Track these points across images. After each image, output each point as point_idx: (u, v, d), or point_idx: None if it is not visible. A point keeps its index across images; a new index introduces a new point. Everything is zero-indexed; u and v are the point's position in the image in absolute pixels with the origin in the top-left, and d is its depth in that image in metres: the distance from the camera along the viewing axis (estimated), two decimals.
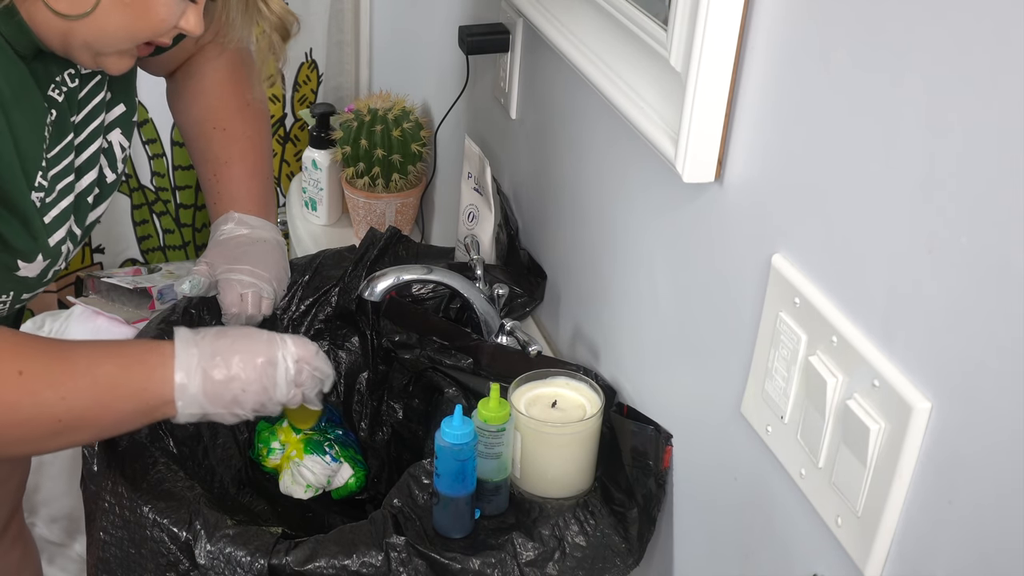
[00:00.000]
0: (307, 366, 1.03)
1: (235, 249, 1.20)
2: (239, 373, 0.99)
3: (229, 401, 0.99)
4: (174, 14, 0.93)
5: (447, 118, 1.72)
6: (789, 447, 0.85)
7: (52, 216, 0.98)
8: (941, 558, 0.70)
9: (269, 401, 1.02)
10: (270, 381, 1.01)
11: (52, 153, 0.97)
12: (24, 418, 0.92)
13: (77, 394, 0.94)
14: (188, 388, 0.97)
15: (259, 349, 1.00)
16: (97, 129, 1.06)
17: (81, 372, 0.95)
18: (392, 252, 1.42)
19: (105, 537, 1.05)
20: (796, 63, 0.80)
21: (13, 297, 1.00)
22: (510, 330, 1.28)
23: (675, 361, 1.05)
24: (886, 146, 0.71)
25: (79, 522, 1.95)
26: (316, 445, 1.17)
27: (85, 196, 1.04)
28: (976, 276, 0.64)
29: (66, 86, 1.00)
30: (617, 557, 1.04)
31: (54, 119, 0.97)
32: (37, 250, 0.96)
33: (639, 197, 1.09)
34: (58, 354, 0.95)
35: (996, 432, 0.64)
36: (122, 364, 0.97)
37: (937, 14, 0.65)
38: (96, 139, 1.05)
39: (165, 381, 0.97)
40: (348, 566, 0.98)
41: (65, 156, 0.99)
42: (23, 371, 0.91)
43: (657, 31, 0.93)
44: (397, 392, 1.34)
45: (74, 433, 0.97)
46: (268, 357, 1.00)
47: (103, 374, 0.96)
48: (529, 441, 1.07)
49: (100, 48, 0.95)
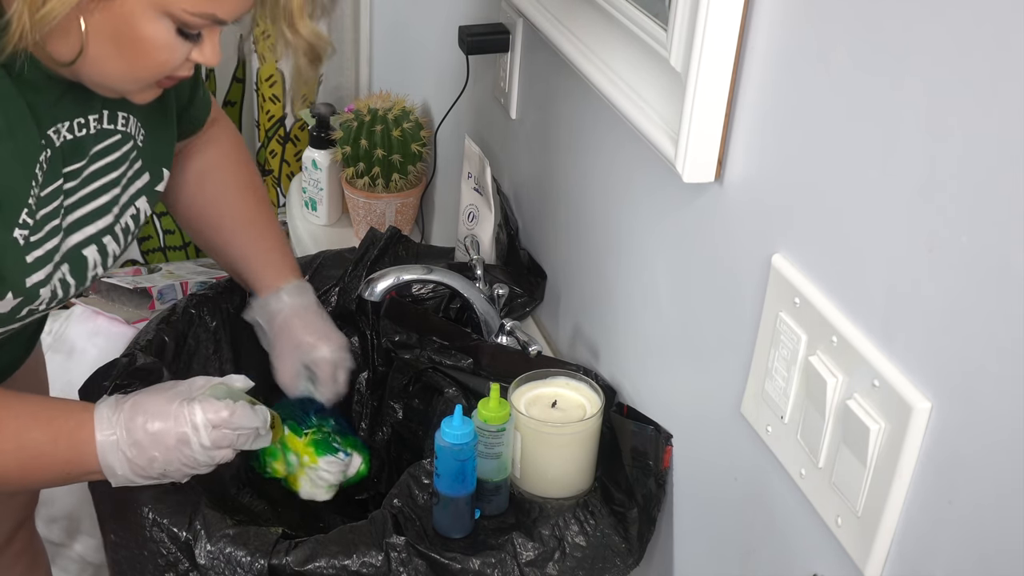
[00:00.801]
0: (225, 429, 1.00)
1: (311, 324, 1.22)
2: (156, 455, 0.98)
3: (157, 476, 1.00)
4: (176, 55, 0.91)
5: (447, 118, 1.72)
6: (789, 447, 0.85)
7: (35, 256, 0.96)
8: (941, 558, 0.70)
9: (196, 470, 1.02)
10: (187, 458, 0.99)
11: (44, 193, 0.96)
12: None
13: (3, 457, 0.95)
14: (115, 471, 0.98)
15: (167, 429, 0.98)
16: (108, 185, 1.04)
17: (9, 437, 0.95)
18: (392, 252, 1.42)
19: (115, 538, 1.06)
20: (796, 63, 0.80)
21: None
22: (510, 330, 1.28)
23: (675, 361, 1.05)
24: (886, 146, 0.71)
25: (79, 522, 1.94)
26: (325, 445, 1.16)
27: (80, 249, 1.02)
28: (976, 276, 0.64)
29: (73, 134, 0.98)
30: (617, 557, 1.04)
31: (48, 158, 0.95)
32: (5, 289, 0.94)
33: (639, 197, 1.09)
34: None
35: (996, 432, 0.64)
36: (51, 436, 0.97)
37: (937, 15, 0.65)
38: (103, 195, 1.04)
39: (91, 459, 0.98)
40: (348, 566, 0.98)
41: (54, 199, 0.97)
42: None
43: (657, 31, 0.93)
44: (397, 392, 1.34)
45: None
46: (178, 436, 0.98)
47: (31, 441, 0.96)
48: (529, 441, 1.07)
49: (110, 87, 0.94)
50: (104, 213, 1.04)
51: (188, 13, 0.87)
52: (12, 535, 1.40)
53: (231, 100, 2.39)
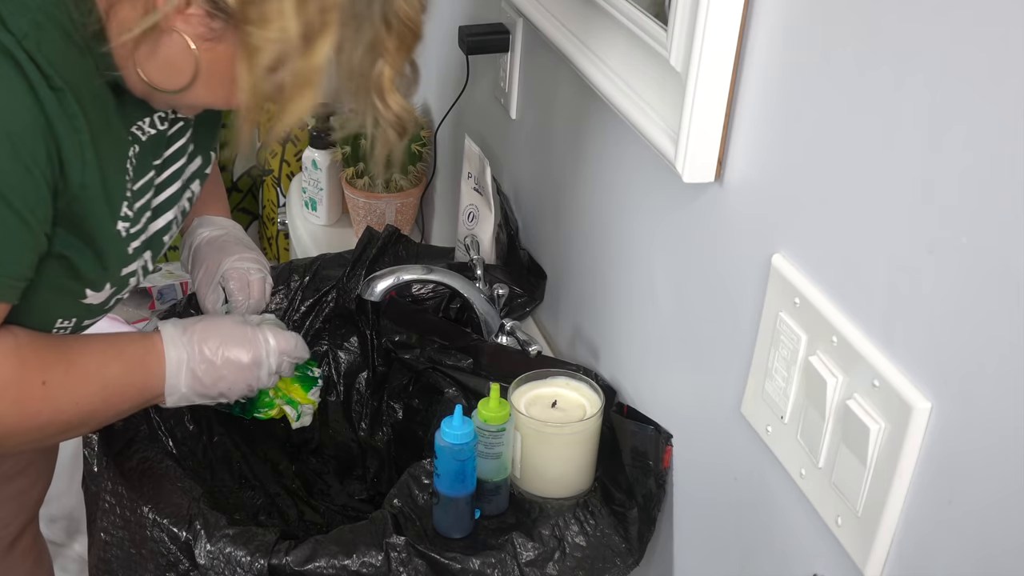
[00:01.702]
0: (287, 358, 1.10)
1: (225, 245, 1.24)
2: (225, 375, 1.05)
3: (215, 396, 1.07)
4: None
5: (447, 118, 1.72)
6: (789, 447, 0.85)
7: (133, 247, 1.02)
8: (941, 558, 0.70)
9: (251, 392, 1.10)
10: (254, 379, 1.07)
11: (136, 186, 1.01)
12: (42, 423, 0.97)
13: (90, 399, 1.00)
14: (179, 388, 1.04)
15: (244, 351, 1.06)
16: (177, 172, 1.08)
17: (93, 377, 1.00)
18: (392, 252, 1.42)
19: (106, 537, 1.06)
20: (796, 63, 0.80)
21: (75, 324, 1.03)
22: (510, 330, 1.28)
23: (675, 361, 1.05)
24: (886, 146, 0.71)
25: (79, 522, 1.94)
26: (305, 379, 1.19)
27: (161, 235, 1.08)
28: (976, 276, 0.64)
29: (155, 128, 1.03)
30: (617, 557, 1.04)
31: (137, 153, 1.00)
32: (106, 279, 1.00)
33: (639, 197, 1.09)
34: (75, 361, 0.99)
35: (996, 432, 0.64)
36: (126, 367, 1.02)
37: (938, 14, 0.65)
38: (176, 182, 1.08)
39: (160, 380, 1.03)
40: (348, 566, 0.98)
41: (147, 191, 1.03)
42: (46, 381, 0.96)
43: (657, 31, 0.93)
44: (397, 392, 1.34)
45: (79, 430, 1.03)
46: (254, 358, 1.06)
47: (111, 376, 1.01)
48: (529, 441, 1.07)
49: (182, 107, 1.01)
50: (178, 199, 1.09)
51: None
52: (20, 533, 1.40)
53: None
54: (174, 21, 0.87)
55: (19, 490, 1.35)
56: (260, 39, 0.85)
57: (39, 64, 0.84)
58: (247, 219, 2.58)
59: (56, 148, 0.86)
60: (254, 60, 0.86)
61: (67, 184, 0.89)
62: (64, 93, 0.86)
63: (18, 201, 0.85)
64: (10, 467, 1.29)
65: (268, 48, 0.85)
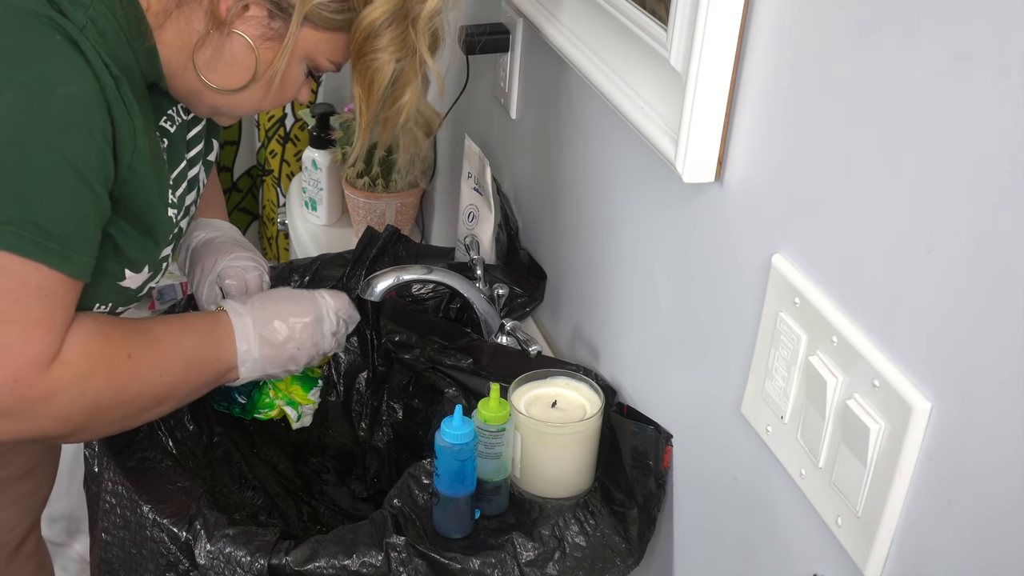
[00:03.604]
0: (343, 316, 1.14)
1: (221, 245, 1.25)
2: (293, 335, 1.09)
3: (286, 360, 1.10)
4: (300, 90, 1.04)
5: (447, 118, 1.72)
6: (789, 447, 0.85)
7: (174, 232, 1.06)
8: (941, 558, 0.70)
9: (318, 354, 1.13)
10: (320, 337, 1.11)
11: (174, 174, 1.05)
12: (130, 397, 0.99)
13: (173, 371, 1.02)
14: (251, 353, 1.07)
15: (306, 309, 1.10)
16: (195, 158, 1.11)
17: (171, 350, 1.03)
18: (392, 252, 1.42)
19: (107, 537, 1.06)
20: (796, 63, 0.80)
21: (110, 308, 1.04)
22: (510, 330, 1.28)
23: (675, 361, 1.05)
24: (886, 146, 0.71)
25: (79, 522, 1.95)
26: (305, 379, 1.19)
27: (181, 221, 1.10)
28: (976, 276, 0.64)
29: (180, 117, 1.07)
30: (617, 557, 1.04)
31: (166, 147, 1.03)
32: (146, 260, 1.02)
33: (639, 197, 1.09)
34: (153, 335, 1.02)
35: (996, 432, 0.64)
36: (199, 339, 1.06)
37: (937, 15, 0.65)
38: (194, 167, 1.11)
39: (233, 351, 1.06)
40: (348, 566, 0.98)
41: (182, 181, 1.07)
42: (131, 355, 0.98)
43: (657, 31, 0.93)
44: (397, 392, 1.34)
45: (163, 406, 1.05)
46: (315, 315, 1.11)
47: (188, 349, 1.04)
48: (529, 441, 1.07)
49: (226, 113, 1.05)
50: (196, 184, 1.12)
51: (329, 61, 1.00)
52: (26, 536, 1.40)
53: None
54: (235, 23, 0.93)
55: (25, 493, 1.35)
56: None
57: (100, 52, 0.88)
58: (247, 219, 2.58)
59: (113, 130, 0.90)
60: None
61: (118, 166, 0.92)
62: (122, 81, 0.90)
63: (95, 180, 0.89)
64: (16, 469, 1.30)
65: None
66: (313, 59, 0.99)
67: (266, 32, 0.95)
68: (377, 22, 0.94)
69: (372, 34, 0.95)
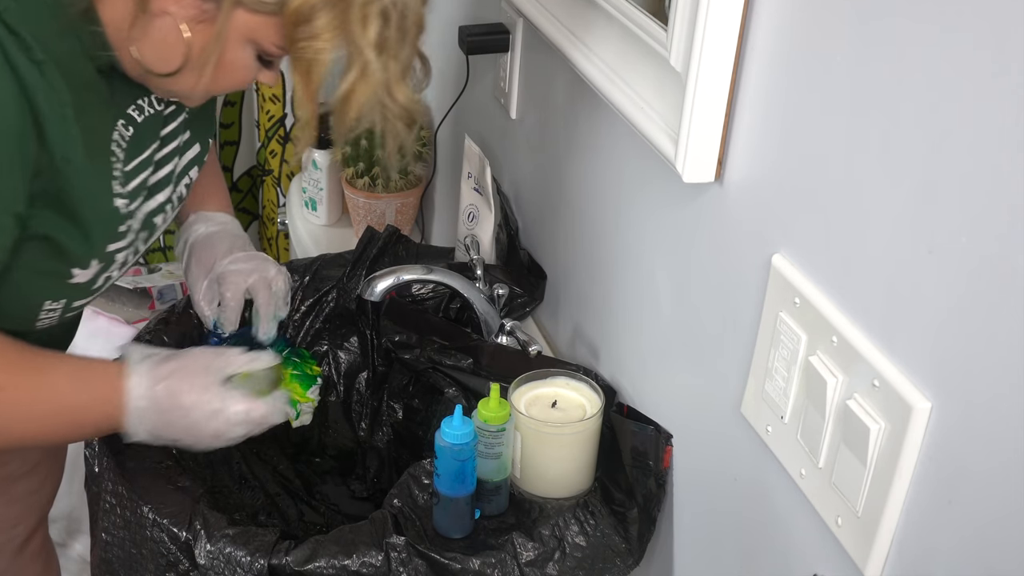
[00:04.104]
0: (256, 428, 1.05)
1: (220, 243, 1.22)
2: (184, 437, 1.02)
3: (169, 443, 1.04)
4: (251, 76, 0.97)
5: (447, 118, 1.72)
6: (789, 447, 0.85)
7: (127, 224, 1.01)
8: (941, 558, 0.70)
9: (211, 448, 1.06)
10: (216, 442, 1.04)
11: (132, 165, 1.01)
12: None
13: (44, 418, 0.99)
14: (138, 435, 1.01)
15: (204, 422, 1.01)
16: (174, 152, 1.08)
17: (48, 398, 0.99)
18: (392, 252, 1.42)
19: (107, 538, 1.06)
20: (796, 63, 0.80)
21: (65, 305, 1.02)
22: (510, 330, 1.28)
23: (675, 361, 1.05)
24: (886, 146, 0.71)
25: (79, 522, 1.95)
26: (304, 378, 1.17)
27: (152, 216, 1.07)
28: (976, 276, 0.64)
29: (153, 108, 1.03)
30: (617, 557, 1.04)
31: (131, 135, 1.00)
32: (92, 256, 0.98)
33: (639, 197, 1.09)
34: (41, 374, 0.98)
35: (996, 432, 0.64)
36: (86, 400, 1.00)
37: (937, 14, 0.65)
38: (171, 162, 1.08)
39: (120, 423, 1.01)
40: (348, 566, 0.98)
41: (144, 168, 1.02)
42: (4, 387, 0.95)
43: (657, 31, 0.93)
44: (397, 392, 1.34)
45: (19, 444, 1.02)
46: (214, 432, 1.02)
47: (68, 405, 1.00)
48: (529, 441, 1.07)
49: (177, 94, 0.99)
50: (168, 183, 1.08)
51: (275, 45, 0.92)
52: (30, 535, 1.40)
53: (231, 100, 2.39)
54: (163, 3, 0.87)
55: (26, 491, 1.35)
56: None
57: (21, 35, 0.83)
58: (247, 219, 2.58)
59: (36, 121, 0.86)
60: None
61: (50, 158, 0.88)
62: (47, 65, 0.85)
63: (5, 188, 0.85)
64: (16, 468, 1.29)
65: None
66: (258, 43, 0.93)
67: (199, 14, 0.89)
68: (306, 6, 0.87)
69: (302, 19, 0.88)
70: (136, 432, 1.01)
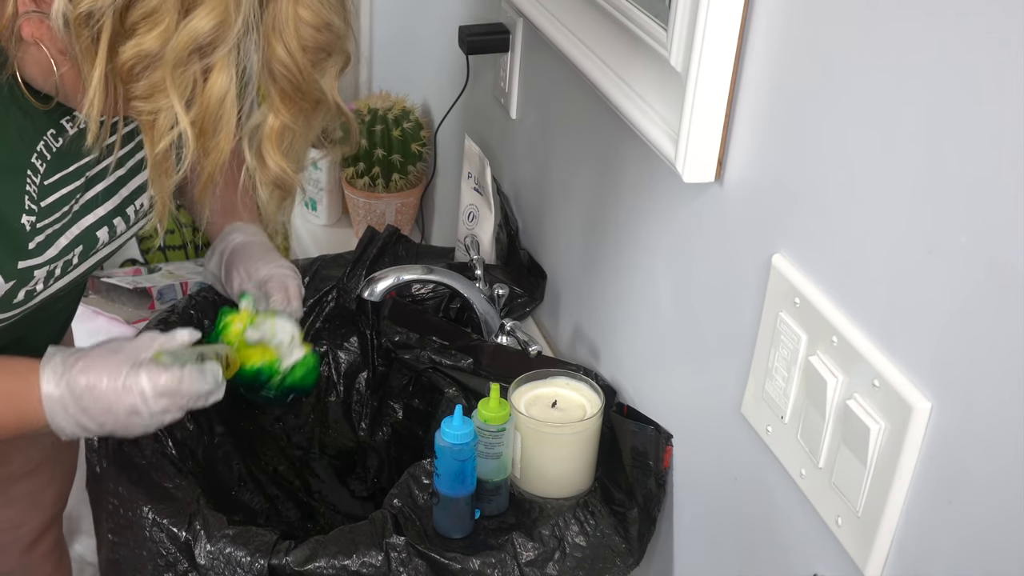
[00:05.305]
0: (176, 398, 1.00)
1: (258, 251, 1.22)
2: (105, 421, 0.99)
3: (109, 433, 1.01)
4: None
5: (447, 118, 1.72)
6: (789, 447, 0.85)
7: (37, 241, 0.98)
8: (941, 558, 0.70)
9: (147, 431, 1.02)
10: (138, 424, 1.00)
11: (51, 180, 0.98)
12: None
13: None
14: (64, 431, 0.99)
15: (117, 400, 0.98)
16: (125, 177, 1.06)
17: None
18: (392, 252, 1.42)
19: (113, 538, 1.06)
20: (796, 63, 0.80)
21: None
22: (510, 330, 1.28)
23: (675, 361, 1.05)
24: (886, 146, 0.71)
25: (79, 522, 1.94)
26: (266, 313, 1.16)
27: (93, 231, 1.04)
28: (976, 276, 0.64)
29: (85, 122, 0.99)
30: (617, 557, 1.04)
31: (60, 146, 0.97)
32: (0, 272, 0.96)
33: (639, 197, 1.09)
34: None
35: (996, 432, 0.64)
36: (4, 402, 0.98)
37: (937, 15, 0.65)
38: (108, 177, 1.05)
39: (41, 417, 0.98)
40: (348, 566, 0.98)
41: (67, 183, 0.99)
42: None
43: (657, 31, 0.93)
44: (397, 392, 1.34)
45: None
46: (128, 408, 0.98)
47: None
48: (529, 441, 1.07)
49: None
50: (110, 195, 1.05)
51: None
52: (41, 534, 1.40)
53: None
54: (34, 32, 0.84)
55: (29, 490, 1.34)
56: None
57: None
58: None
59: None
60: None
61: None
62: None
63: None
64: (17, 467, 1.29)
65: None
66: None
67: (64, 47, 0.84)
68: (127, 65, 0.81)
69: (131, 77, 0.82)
70: (60, 425, 0.98)
